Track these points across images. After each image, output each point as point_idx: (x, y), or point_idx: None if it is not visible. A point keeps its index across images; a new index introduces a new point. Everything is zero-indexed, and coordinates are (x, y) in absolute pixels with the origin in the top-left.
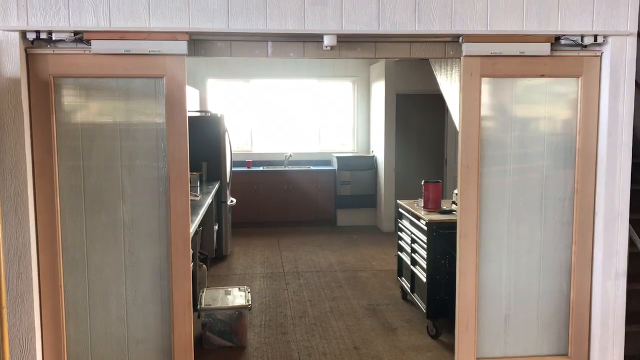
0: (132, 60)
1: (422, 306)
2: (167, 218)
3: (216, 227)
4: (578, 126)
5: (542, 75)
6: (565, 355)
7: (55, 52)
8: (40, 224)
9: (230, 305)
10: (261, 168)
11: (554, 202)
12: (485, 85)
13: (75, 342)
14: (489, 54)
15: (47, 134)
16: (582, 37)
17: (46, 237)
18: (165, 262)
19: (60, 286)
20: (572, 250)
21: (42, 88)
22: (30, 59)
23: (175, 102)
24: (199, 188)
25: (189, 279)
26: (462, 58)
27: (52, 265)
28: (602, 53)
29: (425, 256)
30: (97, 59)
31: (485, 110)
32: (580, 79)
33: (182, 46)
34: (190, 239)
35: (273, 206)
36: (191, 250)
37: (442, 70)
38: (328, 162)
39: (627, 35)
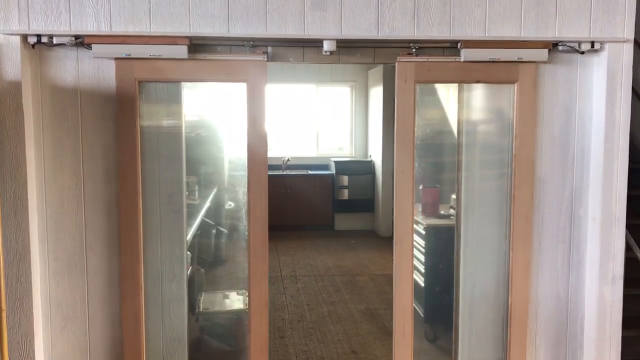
0: (215, 65)
1: (420, 310)
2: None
3: (214, 231)
4: (514, 132)
5: (478, 81)
6: None
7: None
8: (123, 226)
9: (228, 308)
10: None
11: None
12: (480, 91)
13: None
14: (487, 59)
15: (132, 137)
16: (579, 43)
17: (129, 239)
18: None
19: (141, 287)
20: (509, 257)
21: (127, 92)
22: (117, 64)
23: (256, 106)
24: (197, 192)
25: (265, 280)
26: (396, 64)
27: (132, 268)
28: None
29: (423, 260)
30: (180, 63)
31: (480, 115)
32: (515, 85)
33: (182, 50)
34: (190, 243)
35: (271, 210)
36: (189, 253)
37: None
38: (326, 167)
39: (624, 42)
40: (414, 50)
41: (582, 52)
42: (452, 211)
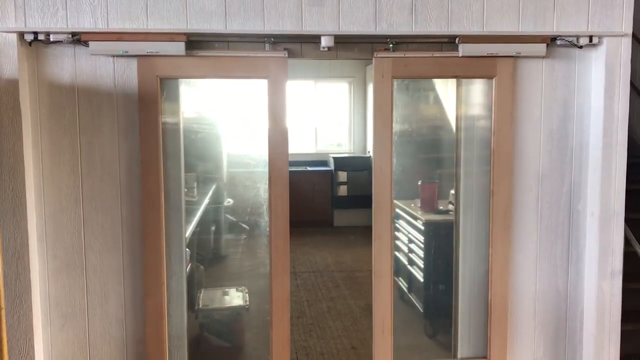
0: (236, 61)
1: (419, 306)
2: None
3: (213, 228)
4: (492, 127)
5: (456, 76)
6: (484, 357)
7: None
8: (145, 222)
9: (228, 305)
10: None
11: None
12: (479, 86)
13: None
14: (485, 54)
15: (154, 134)
16: (578, 37)
17: (151, 235)
18: None
19: (163, 283)
20: (489, 253)
21: (149, 90)
22: (138, 62)
23: (277, 102)
24: (195, 189)
25: (287, 275)
26: (373, 59)
27: (155, 264)
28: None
29: (422, 256)
30: (201, 60)
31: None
32: (494, 79)
33: (179, 47)
34: (188, 240)
35: None
36: (188, 250)
37: None
38: (325, 163)
39: (622, 36)
40: (390, 45)
41: (581, 47)
42: (450, 207)
